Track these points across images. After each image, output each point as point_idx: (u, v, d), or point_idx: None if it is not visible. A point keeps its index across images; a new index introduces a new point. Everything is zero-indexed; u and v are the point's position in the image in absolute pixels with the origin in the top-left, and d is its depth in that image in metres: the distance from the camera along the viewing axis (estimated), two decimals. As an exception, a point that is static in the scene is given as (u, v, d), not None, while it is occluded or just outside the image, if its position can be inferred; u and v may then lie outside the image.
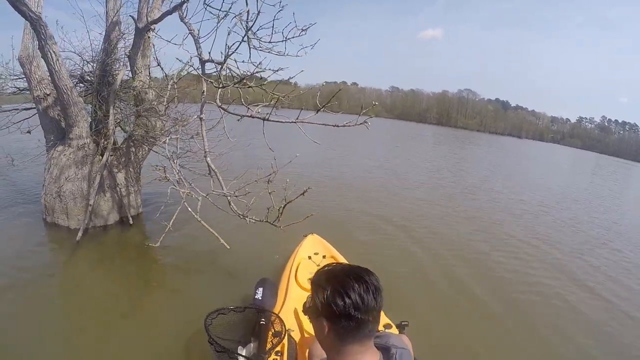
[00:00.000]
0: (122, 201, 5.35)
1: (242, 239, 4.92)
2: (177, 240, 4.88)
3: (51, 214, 5.00)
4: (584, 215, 10.19)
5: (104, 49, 5.38)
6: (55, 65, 4.14)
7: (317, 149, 13.67)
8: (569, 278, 5.36)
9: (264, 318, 2.48)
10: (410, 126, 56.25)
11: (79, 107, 4.57)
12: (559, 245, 6.87)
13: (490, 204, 9.81)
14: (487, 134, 71.93)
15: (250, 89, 3.10)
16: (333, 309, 1.00)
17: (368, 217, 7.01)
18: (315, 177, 9.73)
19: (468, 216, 8.10)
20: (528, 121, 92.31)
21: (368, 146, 20.57)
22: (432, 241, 6.11)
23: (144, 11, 4.83)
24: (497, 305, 4.26)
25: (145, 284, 4.10)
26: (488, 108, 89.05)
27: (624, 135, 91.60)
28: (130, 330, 3.25)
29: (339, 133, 19.38)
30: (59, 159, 4.76)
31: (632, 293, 5.25)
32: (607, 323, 4.26)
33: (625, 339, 4.00)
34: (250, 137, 5.39)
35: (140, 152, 5.52)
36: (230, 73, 3.02)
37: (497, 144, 44.30)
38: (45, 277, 3.99)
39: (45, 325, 3.16)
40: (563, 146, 79.61)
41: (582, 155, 55.75)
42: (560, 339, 3.78)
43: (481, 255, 5.77)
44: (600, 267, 6.08)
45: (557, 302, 4.59)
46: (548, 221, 8.69)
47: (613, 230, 8.91)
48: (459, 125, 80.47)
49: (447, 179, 12.92)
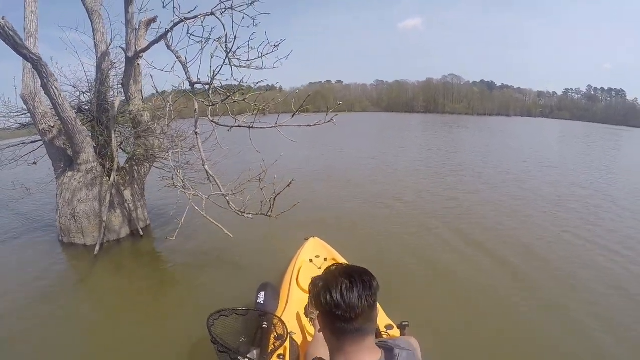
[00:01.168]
0: (131, 216, 5.84)
1: (244, 244, 5.25)
2: (183, 250, 5.39)
3: (67, 235, 5.47)
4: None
5: (97, 78, 5.87)
6: (58, 100, 4.61)
7: (309, 149, 14.32)
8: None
9: (266, 321, 2.51)
10: (397, 117, 56.35)
11: (84, 135, 5.05)
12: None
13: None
14: (475, 117, 71.99)
15: (235, 102, 3.59)
16: (319, 305, 1.06)
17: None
18: (310, 172, 10.53)
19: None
20: (515, 99, 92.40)
21: (352, 141, 21.27)
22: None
23: (132, 41, 5.30)
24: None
25: (157, 291, 4.50)
26: (474, 90, 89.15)
27: (611, 102, 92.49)
28: (143, 334, 3.55)
29: (325, 132, 19.87)
30: (70, 184, 5.24)
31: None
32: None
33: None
34: (241, 146, 5.88)
35: (142, 169, 6.02)
36: (217, 91, 3.52)
37: (485, 125, 44.62)
38: (70, 290, 4.52)
39: (69, 330, 3.64)
40: (552, 119, 79.79)
41: (571, 126, 56.05)
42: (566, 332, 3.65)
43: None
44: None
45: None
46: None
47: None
48: (446, 111, 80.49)
49: (436, 161, 13.48)
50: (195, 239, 5.69)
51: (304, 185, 8.41)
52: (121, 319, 3.85)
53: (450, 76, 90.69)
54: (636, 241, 5.92)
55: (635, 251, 5.48)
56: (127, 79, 5.42)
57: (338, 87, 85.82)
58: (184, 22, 3.65)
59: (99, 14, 5.85)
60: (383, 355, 1.10)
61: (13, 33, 3.94)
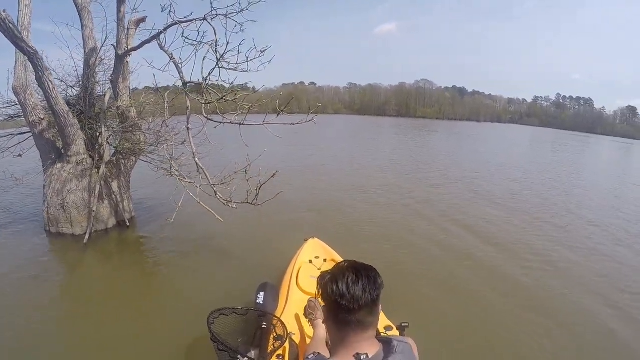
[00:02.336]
0: (117, 207, 6.07)
1: (242, 244, 5.51)
2: (173, 240, 5.65)
3: (55, 225, 5.65)
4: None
5: (85, 73, 6.06)
6: (52, 93, 4.83)
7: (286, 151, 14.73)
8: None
9: (266, 322, 2.52)
10: (369, 120, 58.03)
11: (75, 128, 5.27)
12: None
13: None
14: (446, 121, 74.74)
15: (228, 101, 3.95)
16: (325, 295, 1.12)
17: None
18: (291, 169, 10.85)
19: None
20: (485, 105, 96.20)
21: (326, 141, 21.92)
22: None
23: (123, 39, 5.55)
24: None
25: (149, 283, 4.66)
26: (445, 96, 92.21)
27: (579, 110, 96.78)
28: (135, 328, 3.59)
29: (297, 131, 20.44)
30: (60, 175, 5.43)
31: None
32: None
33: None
34: (226, 142, 6.24)
35: (129, 163, 6.25)
36: (208, 90, 3.87)
37: (455, 129, 46.25)
38: (61, 278, 4.71)
39: (57, 324, 3.68)
40: (521, 125, 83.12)
41: (539, 132, 58.42)
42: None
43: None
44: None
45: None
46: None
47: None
48: (418, 115, 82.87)
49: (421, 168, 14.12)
50: (188, 231, 5.96)
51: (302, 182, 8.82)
52: (112, 308, 3.96)
53: (422, 81, 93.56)
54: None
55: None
56: (117, 76, 5.65)
57: (311, 89, 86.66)
58: (178, 25, 3.98)
59: (89, 10, 5.98)
60: (381, 348, 1.15)
61: (13, 26, 4.18)
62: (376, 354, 1.11)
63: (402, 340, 1.24)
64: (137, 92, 6.86)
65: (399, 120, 62.44)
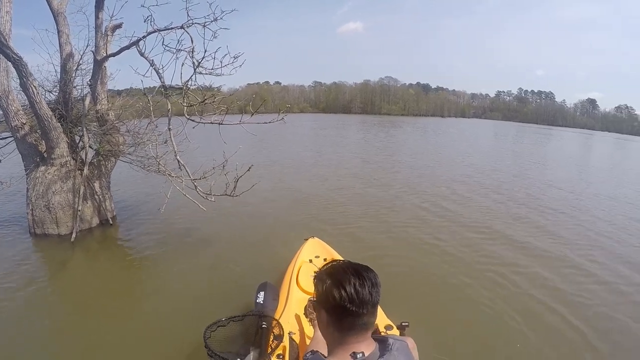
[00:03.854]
0: (100, 206, 6.36)
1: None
2: (164, 241, 5.87)
3: (40, 226, 5.86)
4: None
5: (62, 78, 6.28)
6: (36, 98, 5.10)
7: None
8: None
9: (265, 322, 2.51)
10: (334, 118, 58.14)
11: (58, 131, 5.54)
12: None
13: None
14: (410, 117, 76.48)
15: (204, 104, 4.37)
16: (330, 300, 1.07)
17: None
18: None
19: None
20: (449, 100, 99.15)
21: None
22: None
23: (101, 45, 5.83)
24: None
25: (141, 282, 4.84)
26: (410, 92, 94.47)
27: (540, 104, 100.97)
28: (125, 329, 3.63)
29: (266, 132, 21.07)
30: (44, 177, 5.68)
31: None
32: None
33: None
34: (201, 141, 6.62)
35: (109, 164, 6.53)
36: (187, 93, 4.28)
37: (419, 124, 47.94)
38: (50, 277, 4.85)
39: (45, 324, 3.75)
40: (485, 120, 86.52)
41: (501, 125, 60.77)
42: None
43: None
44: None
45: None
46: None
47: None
48: (383, 112, 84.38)
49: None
50: (174, 226, 6.36)
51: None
52: (106, 308, 4.05)
53: (387, 78, 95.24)
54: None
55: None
56: (95, 80, 5.92)
57: (276, 89, 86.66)
58: (158, 32, 4.36)
59: (64, 16, 6.17)
60: (377, 347, 1.14)
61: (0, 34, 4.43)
62: (372, 352, 1.11)
63: (398, 338, 1.24)
64: (115, 95, 7.13)
65: (364, 117, 63.55)
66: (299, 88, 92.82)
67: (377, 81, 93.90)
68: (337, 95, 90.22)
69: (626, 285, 4.83)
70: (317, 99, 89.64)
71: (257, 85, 79.50)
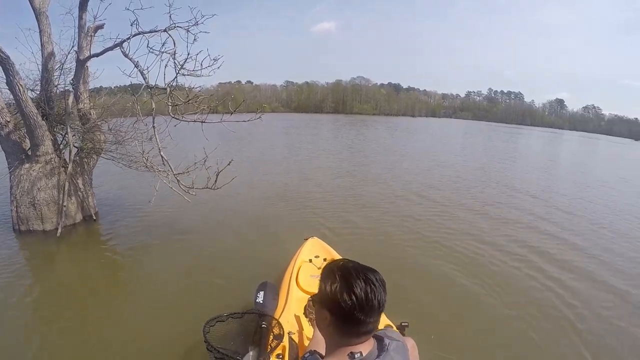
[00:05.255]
0: (83, 203, 6.57)
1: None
2: (147, 235, 6.10)
3: (25, 223, 6.02)
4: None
5: (43, 77, 6.41)
6: (22, 96, 5.31)
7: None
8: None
9: (265, 322, 2.50)
10: (306, 118, 58.96)
11: (43, 129, 5.74)
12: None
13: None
14: (382, 117, 78.29)
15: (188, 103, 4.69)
16: (337, 303, 1.04)
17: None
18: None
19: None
20: (420, 100, 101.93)
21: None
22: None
23: (84, 45, 6.03)
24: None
25: (129, 277, 4.95)
26: (381, 92, 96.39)
27: (510, 104, 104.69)
28: (115, 327, 3.64)
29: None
30: (29, 174, 5.86)
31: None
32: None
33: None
34: (182, 140, 6.90)
35: (91, 161, 6.74)
36: (172, 94, 4.59)
37: (390, 124, 49.24)
38: (34, 274, 4.91)
39: (32, 320, 3.82)
40: (455, 119, 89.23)
41: (471, 124, 62.53)
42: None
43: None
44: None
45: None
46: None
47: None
48: (354, 112, 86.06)
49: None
50: (160, 222, 6.62)
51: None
52: (94, 304, 4.12)
53: (358, 78, 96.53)
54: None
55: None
56: (77, 80, 6.11)
57: (248, 88, 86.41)
58: (142, 35, 4.65)
59: (46, 15, 6.23)
60: (375, 345, 1.13)
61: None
62: (370, 352, 1.10)
63: (394, 336, 1.23)
64: (95, 95, 7.32)
65: (336, 117, 64.53)
66: (271, 87, 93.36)
67: (349, 81, 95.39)
68: (309, 94, 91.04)
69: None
70: (289, 99, 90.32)
71: (229, 85, 78.45)
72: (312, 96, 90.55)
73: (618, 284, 5.04)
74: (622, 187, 13.66)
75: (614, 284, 5.06)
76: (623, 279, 5.25)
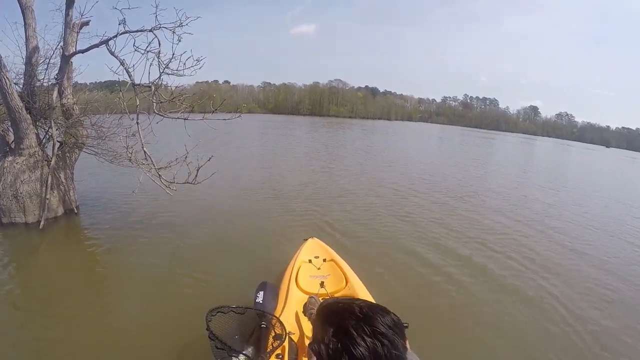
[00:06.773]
0: (65, 196, 6.72)
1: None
2: (131, 229, 6.30)
3: (7, 215, 6.13)
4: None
5: (27, 71, 6.53)
6: (8, 89, 5.47)
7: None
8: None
9: (265, 321, 2.49)
10: (283, 119, 58.56)
11: (28, 122, 5.89)
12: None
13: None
14: (358, 120, 79.38)
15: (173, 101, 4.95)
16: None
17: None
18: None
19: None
20: (397, 104, 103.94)
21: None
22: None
23: (69, 41, 6.19)
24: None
25: (115, 270, 5.00)
26: (358, 95, 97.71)
27: (485, 109, 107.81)
28: (100, 322, 3.67)
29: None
30: (12, 167, 5.98)
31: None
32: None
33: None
34: (163, 136, 7.10)
35: (73, 155, 6.89)
36: (157, 91, 4.85)
37: (365, 127, 50.20)
38: (17, 265, 4.94)
39: (11, 314, 3.79)
40: (431, 124, 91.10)
41: (446, 129, 64.03)
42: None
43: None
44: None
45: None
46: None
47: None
48: (331, 114, 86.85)
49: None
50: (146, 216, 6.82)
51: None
52: (78, 296, 4.17)
53: (336, 81, 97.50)
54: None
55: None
56: (62, 75, 6.27)
57: (225, 88, 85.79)
58: (129, 34, 4.89)
59: (32, 9, 6.31)
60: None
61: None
62: None
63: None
64: (78, 91, 7.44)
65: (312, 119, 64.97)
66: (248, 88, 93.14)
67: (327, 83, 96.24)
68: (287, 96, 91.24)
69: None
70: (266, 100, 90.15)
71: (206, 84, 77.18)
72: (289, 98, 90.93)
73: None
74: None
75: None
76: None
